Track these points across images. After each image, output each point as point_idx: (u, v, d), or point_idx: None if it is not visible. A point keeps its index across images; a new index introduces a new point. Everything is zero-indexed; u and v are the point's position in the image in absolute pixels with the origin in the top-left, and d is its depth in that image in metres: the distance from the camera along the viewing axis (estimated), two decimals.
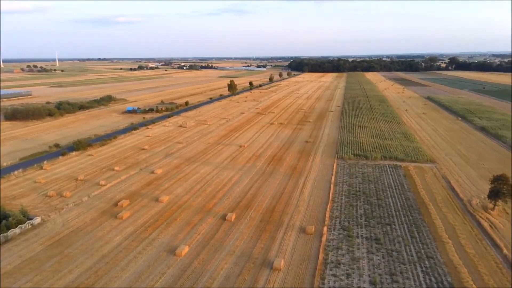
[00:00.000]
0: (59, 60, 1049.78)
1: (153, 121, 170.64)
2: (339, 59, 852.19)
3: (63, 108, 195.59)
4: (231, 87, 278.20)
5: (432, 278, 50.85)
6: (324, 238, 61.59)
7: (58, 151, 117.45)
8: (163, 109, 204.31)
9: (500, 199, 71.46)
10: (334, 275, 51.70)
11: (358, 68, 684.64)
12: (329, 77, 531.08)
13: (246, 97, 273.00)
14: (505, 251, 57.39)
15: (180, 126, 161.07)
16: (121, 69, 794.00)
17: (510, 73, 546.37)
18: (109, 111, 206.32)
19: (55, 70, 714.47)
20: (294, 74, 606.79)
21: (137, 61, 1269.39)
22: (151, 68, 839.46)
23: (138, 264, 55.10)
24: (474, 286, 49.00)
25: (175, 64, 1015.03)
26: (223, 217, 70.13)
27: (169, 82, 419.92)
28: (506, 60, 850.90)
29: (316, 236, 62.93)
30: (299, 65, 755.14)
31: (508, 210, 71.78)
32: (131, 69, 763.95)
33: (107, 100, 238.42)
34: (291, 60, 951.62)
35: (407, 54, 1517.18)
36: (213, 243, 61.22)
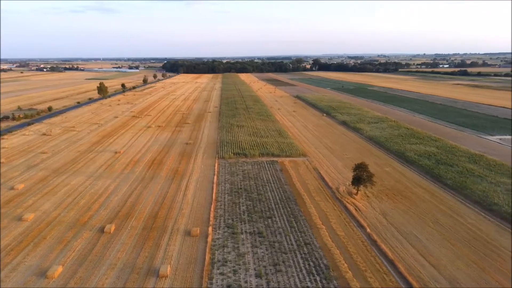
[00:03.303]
0: None
1: (9, 130, 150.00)
2: (214, 60, 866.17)
3: None
4: (102, 89, 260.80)
5: (311, 263, 54.99)
6: (209, 238, 61.79)
7: None
8: (21, 116, 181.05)
9: (361, 185, 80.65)
10: (221, 274, 52.22)
11: (232, 69, 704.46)
12: (205, 78, 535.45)
13: (119, 100, 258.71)
14: (368, 230, 65.05)
15: (44, 134, 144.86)
16: None
17: (363, 73, 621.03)
18: None
19: None
20: (169, 75, 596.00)
21: None
22: (3, 70, 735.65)
23: None
24: (345, 264, 54.40)
25: (33, 66, 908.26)
26: (101, 230, 65.24)
27: (27, 86, 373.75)
28: (359, 61, 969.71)
29: (201, 237, 62.75)
30: (173, 66, 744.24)
31: (369, 194, 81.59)
32: None
33: None
34: (165, 61, 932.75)
35: (277, 56, 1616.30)
36: (91, 258, 56.48)
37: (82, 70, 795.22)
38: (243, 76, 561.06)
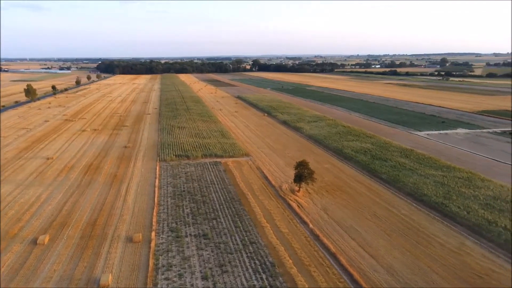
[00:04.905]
0: None
1: None
2: (152, 60, 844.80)
3: None
4: (29, 92, 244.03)
5: (257, 261, 55.39)
6: (153, 244, 60.07)
7: None
8: None
9: (303, 182, 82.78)
10: (166, 279, 50.97)
11: (172, 70, 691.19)
12: (143, 79, 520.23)
13: (50, 103, 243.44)
14: (311, 225, 66.88)
15: None
16: None
17: (301, 73, 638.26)
18: None
19: None
20: (104, 76, 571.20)
21: None
22: None
23: None
24: (290, 260, 55.46)
25: None
26: (34, 241, 60.91)
27: None
28: (297, 62, 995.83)
29: (144, 243, 60.80)
30: (109, 67, 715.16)
31: (310, 190, 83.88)
32: None
33: None
34: (100, 62, 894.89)
35: (216, 56, 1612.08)
36: (23, 273, 52.52)
37: (6, 71, 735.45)
38: (183, 77, 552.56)
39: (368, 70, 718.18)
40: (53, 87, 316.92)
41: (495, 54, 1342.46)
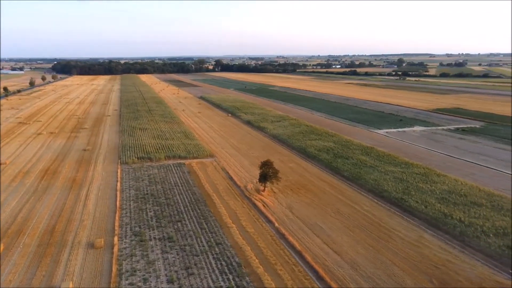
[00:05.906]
0: None
1: None
2: (111, 61, 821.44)
3: None
4: None
5: (223, 262, 55.16)
6: (116, 249, 58.41)
7: None
8: None
9: (268, 181, 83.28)
10: (131, 284, 49.75)
11: (132, 70, 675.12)
12: (102, 80, 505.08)
13: (2, 106, 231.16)
14: (276, 224, 67.40)
15: None
16: None
17: (264, 74, 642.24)
18: None
19: None
20: (60, 77, 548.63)
21: None
22: None
23: None
24: (256, 260, 55.62)
25: None
26: None
27: None
28: (260, 62, 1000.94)
29: (107, 248, 59.03)
30: (65, 67, 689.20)
31: (275, 190, 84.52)
32: None
33: None
34: (55, 62, 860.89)
35: (178, 56, 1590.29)
36: None
37: None
38: (144, 77, 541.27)
39: (329, 70, 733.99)
40: (5, 89, 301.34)
41: (448, 55, 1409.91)
